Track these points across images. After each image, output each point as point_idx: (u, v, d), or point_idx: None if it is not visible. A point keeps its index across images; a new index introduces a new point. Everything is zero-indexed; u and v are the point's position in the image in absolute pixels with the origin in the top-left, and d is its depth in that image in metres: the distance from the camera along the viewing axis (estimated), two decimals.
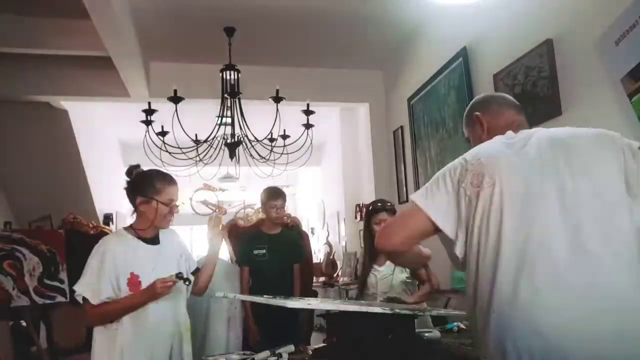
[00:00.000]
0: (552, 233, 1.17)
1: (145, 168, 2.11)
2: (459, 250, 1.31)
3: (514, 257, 1.18)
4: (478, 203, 1.26)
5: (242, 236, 3.55)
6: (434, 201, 1.33)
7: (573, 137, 1.32)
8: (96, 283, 1.88)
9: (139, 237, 2.00)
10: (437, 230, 1.33)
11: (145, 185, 1.98)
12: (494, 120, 1.51)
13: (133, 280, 1.89)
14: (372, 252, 2.77)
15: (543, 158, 1.27)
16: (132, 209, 2.05)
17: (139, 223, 2.01)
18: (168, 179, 2.02)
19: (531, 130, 1.41)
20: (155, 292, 1.87)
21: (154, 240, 2.03)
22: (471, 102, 1.61)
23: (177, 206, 2.03)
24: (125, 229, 2.04)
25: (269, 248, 3.25)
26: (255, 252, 3.24)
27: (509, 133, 1.40)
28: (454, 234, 1.31)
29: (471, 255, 1.27)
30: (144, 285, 1.90)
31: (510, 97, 1.61)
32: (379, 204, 2.80)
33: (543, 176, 1.24)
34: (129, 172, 2.05)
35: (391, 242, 1.39)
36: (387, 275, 2.69)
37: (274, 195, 3.26)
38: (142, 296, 1.89)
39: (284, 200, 3.29)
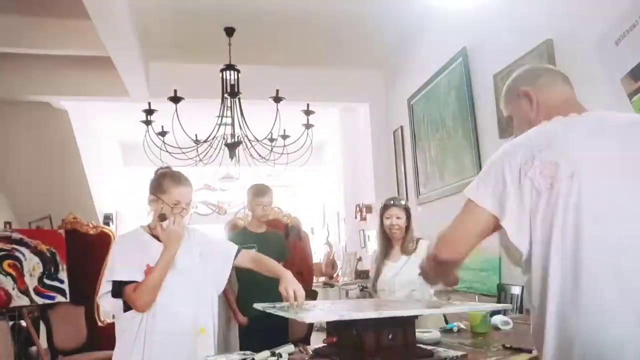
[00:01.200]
0: None
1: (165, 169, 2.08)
2: (523, 247, 1.13)
3: (600, 267, 1.04)
4: (551, 197, 1.09)
5: (231, 235, 3.53)
6: (492, 192, 1.16)
7: None
8: (126, 266, 1.88)
9: (153, 235, 1.98)
10: (498, 226, 1.17)
11: (155, 184, 1.98)
12: (544, 95, 1.29)
13: (149, 271, 1.88)
14: (385, 248, 2.78)
15: (626, 151, 1.11)
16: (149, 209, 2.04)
17: (152, 222, 2.00)
18: (177, 180, 1.98)
19: (597, 113, 1.24)
20: (174, 231, 1.88)
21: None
22: (513, 76, 1.40)
23: (184, 209, 1.98)
24: (142, 227, 2.04)
25: (258, 247, 3.13)
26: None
27: (573, 115, 1.22)
28: (517, 230, 1.13)
29: (537, 254, 1.11)
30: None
31: (558, 69, 1.42)
32: (391, 201, 2.82)
33: (631, 172, 1.09)
34: (155, 173, 2.05)
35: (458, 250, 1.22)
36: (404, 270, 2.67)
37: (259, 192, 3.19)
38: (170, 244, 1.89)
39: (271, 197, 3.21)
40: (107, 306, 1.92)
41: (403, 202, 2.82)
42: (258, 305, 2.17)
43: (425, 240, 2.73)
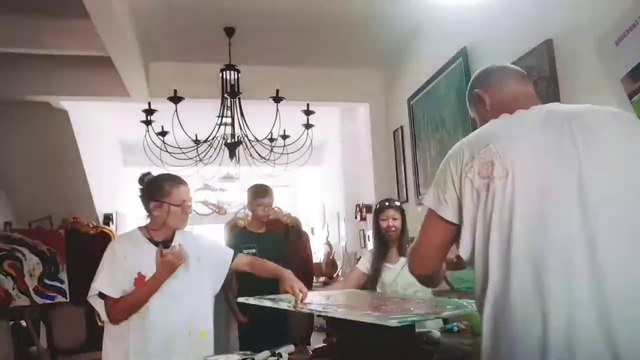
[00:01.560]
0: (572, 241, 1.03)
1: (155, 173, 2.12)
2: (463, 251, 1.17)
3: (527, 266, 1.04)
4: (488, 197, 1.10)
5: (229, 236, 3.52)
6: (448, 199, 1.18)
7: (592, 113, 1.17)
8: (112, 278, 1.89)
9: (151, 239, 2.01)
10: (458, 233, 1.18)
11: (155, 190, 2.00)
12: (496, 94, 1.32)
13: (140, 280, 1.90)
14: (381, 250, 2.77)
15: (562, 143, 1.10)
16: (147, 213, 2.06)
17: (152, 224, 2.03)
18: (177, 181, 2.03)
19: (544, 106, 1.24)
20: (169, 262, 1.88)
21: (165, 244, 2.01)
22: (470, 80, 1.45)
23: (189, 206, 2.02)
24: (140, 228, 2.05)
25: (259, 248, 3.15)
26: (245, 251, 3.17)
27: (519, 111, 1.22)
28: (465, 232, 1.16)
29: (479, 257, 1.14)
30: None
31: (513, 66, 1.43)
32: (386, 202, 2.82)
33: (563, 167, 1.08)
34: (140, 180, 2.07)
35: (426, 266, 1.28)
36: (404, 271, 2.66)
37: (260, 192, 3.18)
38: (161, 273, 1.89)
39: (272, 197, 3.21)
40: (99, 307, 1.93)
41: (398, 203, 2.82)
42: (242, 299, 2.22)
43: None
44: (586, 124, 1.13)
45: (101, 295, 1.91)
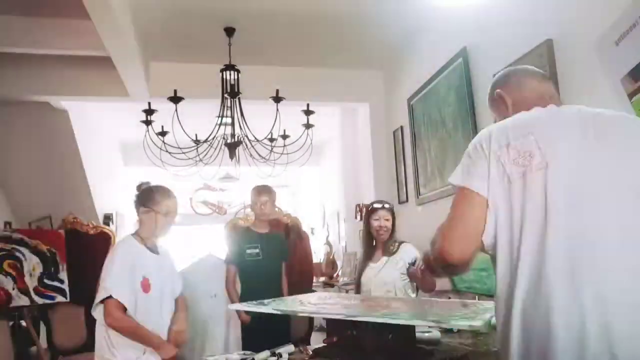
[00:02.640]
0: (608, 237, 1.04)
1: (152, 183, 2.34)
2: (487, 236, 1.13)
3: (563, 260, 1.04)
4: (524, 186, 1.09)
5: (233, 235, 3.55)
6: (477, 174, 1.14)
7: (618, 117, 1.20)
8: (119, 282, 2.03)
9: (145, 246, 2.21)
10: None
11: (146, 198, 2.23)
12: (517, 93, 1.32)
13: (145, 283, 2.09)
14: (369, 250, 2.87)
15: (596, 142, 1.12)
16: (137, 218, 2.28)
17: (142, 230, 2.24)
18: (167, 193, 2.25)
19: (573, 106, 1.25)
20: (168, 351, 2.10)
21: (154, 250, 2.24)
22: (492, 81, 1.44)
23: (173, 218, 2.26)
24: (133, 236, 2.24)
25: (262, 248, 3.22)
26: (249, 251, 3.21)
27: (552, 106, 1.23)
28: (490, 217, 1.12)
29: (505, 247, 1.11)
30: (153, 288, 2.11)
31: (534, 68, 1.45)
32: (379, 204, 2.92)
33: (597, 165, 1.10)
34: (137, 187, 2.32)
35: (466, 248, 1.16)
36: (383, 271, 2.73)
37: (259, 191, 3.29)
38: (159, 344, 2.09)
39: (269, 196, 3.28)
40: (99, 316, 2.07)
41: (388, 205, 2.92)
42: (233, 306, 2.62)
43: (408, 244, 2.81)
44: (615, 126, 1.16)
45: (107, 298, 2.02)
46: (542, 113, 1.21)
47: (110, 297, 1.99)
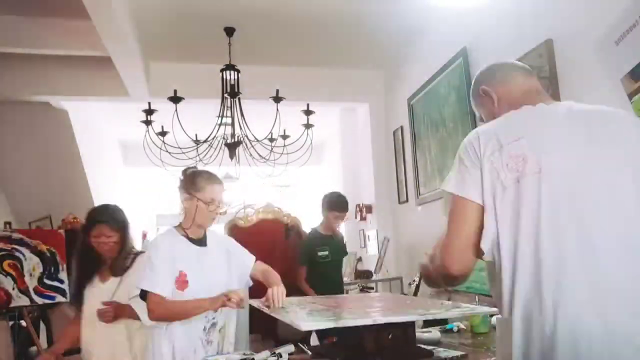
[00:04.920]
0: (601, 240, 1.04)
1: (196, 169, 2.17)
2: (485, 242, 1.11)
3: (557, 266, 1.04)
4: (518, 192, 1.08)
5: (305, 237, 3.86)
6: (470, 181, 1.13)
7: (610, 113, 1.18)
8: (155, 277, 1.93)
9: (187, 237, 2.05)
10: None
11: (188, 183, 2.05)
12: (503, 88, 1.30)
13: (181, 279, 1.94)
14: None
15: (588, 142, 1.11)
16: (180, 208, 2.11)
17: (184, 221, 2.06)
18: (211, 178, 2.06)
19: (563, 103, 1.23)
20: (222, 303, 1.94)
21: (201, 242, 2.07)
22: (475, 77, 1.40)
23: (217, 205, 2.05)
24: (175, 227, 2.09)
25: (330, 249, 3.60)
26: (320, 253, 3.57)
27: (541, 105, 1.20)
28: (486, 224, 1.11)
29: (505, 252, 1.09)
30: (191, 284, 1.95)
31: (518, 62, 1.42)
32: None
33: (591, 166, 1.09)
34: (183, 172, 2.12)
35: (466, 260, 1.16)
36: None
37: (343, 208, 3.76)
38: (209, 303, 1.95)
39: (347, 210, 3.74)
40: (139, 308, 1.97)
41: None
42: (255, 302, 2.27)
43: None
44: (606, 124, 1.15)
45: (142, 294, 1.92)
46: (532, 113, 1.19)
47: (145, 293, 1.91)
